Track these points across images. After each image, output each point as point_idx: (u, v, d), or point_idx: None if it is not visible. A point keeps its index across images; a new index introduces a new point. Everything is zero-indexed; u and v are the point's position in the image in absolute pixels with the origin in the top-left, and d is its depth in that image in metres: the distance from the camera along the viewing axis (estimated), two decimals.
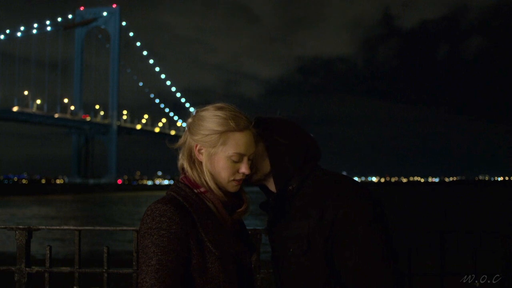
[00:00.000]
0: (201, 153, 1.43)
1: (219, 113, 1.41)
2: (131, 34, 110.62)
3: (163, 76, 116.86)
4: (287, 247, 1.45)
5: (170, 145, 1.49)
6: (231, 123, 1.39)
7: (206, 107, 1.45)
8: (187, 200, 1.38)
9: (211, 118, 1.41)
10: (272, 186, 1.56)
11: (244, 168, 1.42)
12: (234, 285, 1.35)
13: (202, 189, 1.40)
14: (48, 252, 2.46)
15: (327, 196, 1.39)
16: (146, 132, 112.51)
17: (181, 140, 1.47)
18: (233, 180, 1.42)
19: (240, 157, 1.41)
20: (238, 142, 1.40)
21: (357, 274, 1.32)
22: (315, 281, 1.39)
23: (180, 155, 1.47)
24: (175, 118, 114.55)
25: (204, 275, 1.33)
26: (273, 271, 1.57)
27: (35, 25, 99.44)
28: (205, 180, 1.40)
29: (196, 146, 1.43)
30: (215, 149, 1.40)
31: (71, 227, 2.51)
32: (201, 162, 1.42)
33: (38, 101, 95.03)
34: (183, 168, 1.46)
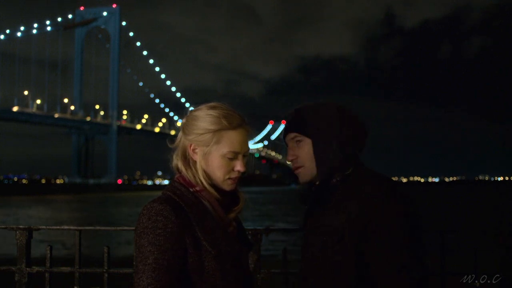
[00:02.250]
0: (196, 153, 1.43)
1: (212, 112, 1.42)
2: (131, 34, 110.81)
3: (163, 76, 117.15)
4: (318, 238, 1.47)
5: (171, 144, 1.50)
6: (224, 122, 1.40)
7: (199, 107, 1.46)
8: (183, 199, 1.38)
9: (204, 117, 1.42)
10: (307, 176, 1.58)
11: (239, 166, 1.43)
12: (231, 284, 1.35)
13: (198, 188, 1.41)
14: (48, 252, 2.46)
15: (366, 193, 1.40)
16: (146, 132, 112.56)
17: (176, 141, 1.48)
18: (229, 178, 1.43)
19: (234, 155, 1.42)
20: (232, 140, 1.41)
21: (382, 273, 1.35)
22: (338, 274, 1.40)
23: (174, 155, 1.48)
24: (175, 118, 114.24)
25: (201, 273, 1.33)
26: (299, 262, 1.58)
27: (35, 25, 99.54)
28: (200, 179, 1.41)
29: (190, 146, 1.44)
30: (209, 148, 1.41)
31: (72, 227, 2.52)
32: (195, 162, 1.43)
33: (38, 101, 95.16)
34: (177, 168, 1.46)
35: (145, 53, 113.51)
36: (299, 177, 1.57)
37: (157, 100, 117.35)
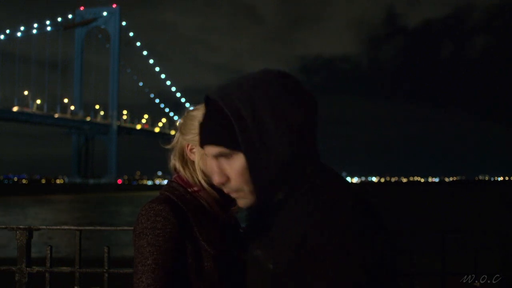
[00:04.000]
0: (193, 153, 1.43)
1: None
2: (131, 34, 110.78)
3: (163, 76, 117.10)
4: (252, 271, 1.16)
5: (164, 145, 1.50)
6: None
7: (196, 107, 1.46)
8: (182, 199, 1.38)
9: (202, 117, 1.41)
10: (249, 200, 1.13)
11: None
12: (230, 284, 1.35)
13: (196, 188, 1.41)
14: (48, 252, 2.46)
15: (313, 219, 0.98)
16: (146, 132, 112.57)
17: (173, 141, 1.48)
18: None
19: None
20: None
21: None
22: None
23: (172, 156, 1.48)
24: (175, 118, 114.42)
25: (199, 274, 1.33)
26: None
27: (35, 25, 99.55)
28: (198, 179, 1.41)
29: (188, 146, 1.44)
30: None
31: (72, 227, 2.51)
32: (193, 162, 1.43)
33: (38, 101, 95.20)
34: (175, 168, 1.46)
35: (145, 53, 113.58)
36: (239, 203, 1.13)
37: (157, 100, 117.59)
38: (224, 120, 1.03)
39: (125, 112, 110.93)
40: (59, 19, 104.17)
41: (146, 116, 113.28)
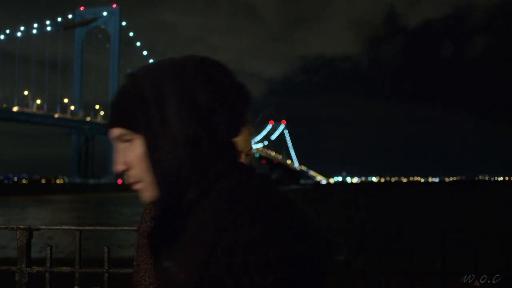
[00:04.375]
0: None
1: None
2: (131, 34, 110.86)
3: None
4: (161, 283, 0.98)
5: None
6: None
7: None
8: None
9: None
10: (151, 192, 0.96)
11: None
12: None
13: None
14: (48, 252, 2.46)
15: (227, 225, 0.85)
16: None
17: None
18: None
19: None
20: None
21: None
22: None
23: None
24: None
25: None
26: None
27: (35, 25, 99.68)
28: None
29: None
30: None
31: (72, 227, 2.52)
32: None
33: (38, 101, 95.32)
34: None
35: (145, 53, 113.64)
36: (141, 197, 0.98)
37: None
38: (129, 101, 0.93)
39: None
40: (59, 19, 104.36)
41: None
